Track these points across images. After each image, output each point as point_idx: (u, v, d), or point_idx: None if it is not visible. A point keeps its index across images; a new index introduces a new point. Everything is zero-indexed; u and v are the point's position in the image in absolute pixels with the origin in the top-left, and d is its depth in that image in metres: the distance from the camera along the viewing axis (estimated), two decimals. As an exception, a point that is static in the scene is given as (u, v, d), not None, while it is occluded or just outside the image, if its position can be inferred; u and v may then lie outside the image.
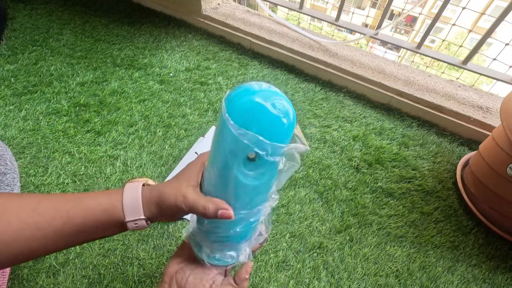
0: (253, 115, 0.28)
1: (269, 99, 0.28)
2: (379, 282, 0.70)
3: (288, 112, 0.29)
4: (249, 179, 0.31)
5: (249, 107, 0.28)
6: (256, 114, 0.28)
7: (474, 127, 1.00)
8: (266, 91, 0.29)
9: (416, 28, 4.44)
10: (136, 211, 0.32)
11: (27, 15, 1.32)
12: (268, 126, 0.28)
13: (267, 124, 0.28)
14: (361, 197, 0.85)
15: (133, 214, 0.32)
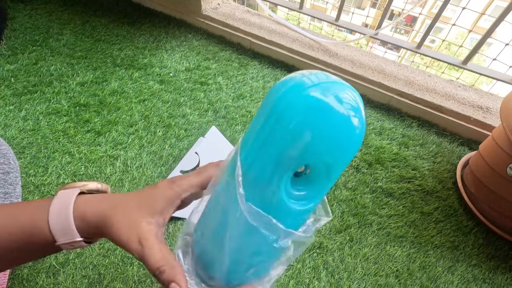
0: (306, 120, 0.19)
1: (330, 91, 0.19)
2: (379, 282, 0.70)
3: (359, 107, 0.20)
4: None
5: (300, 107, 0.19)
6: (312, 116, 0.19)
7: (474, 127, 1.00)
8: (324, 82, 0.20)
9: (416, 28, 4.44)
10: (67, 232, 0.24)
11: (27, 15, 1.32)
12: (331, 133, 0.20)
13: (330, 131, 0.20)
14: (361, 197, 0.85)
15: (64, 237, 0.24)
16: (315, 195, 0.23)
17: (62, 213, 0.24)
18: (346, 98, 0.20)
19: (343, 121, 0.20)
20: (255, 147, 0.21)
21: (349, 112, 0.19)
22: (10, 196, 0.50)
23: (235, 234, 0.23)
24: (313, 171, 0.21)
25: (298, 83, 0.20)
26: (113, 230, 0.24)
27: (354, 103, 0.20)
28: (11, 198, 0.50)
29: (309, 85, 0.20)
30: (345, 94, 0.20)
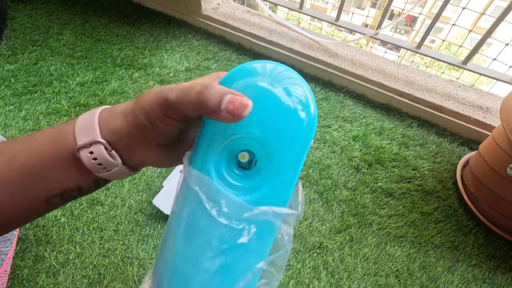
0: (254, 108, 0.19)
1: (280, 82, 0.20)
2: (379, 282, 0.70)
3: (308, 102, 0.20)
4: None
5: (248, 95, 0.19)
6: (259, 106, 0.19)
7: (474, 127, 1.00)
8: (274, 71, 0.20)
9: (416, 28, 4.44)
10: (89, 130, 0.21)
11: (27, 15, 1.32)
12: (278, 124, 0.20)
13: (276, 122, 0.20)
14: (361, 197, 0.85)
15: (85, 136, 0.21)
16: (258, 187, 0.21)
17: (89, 116, 0.22)
18: (296, 92, 0.20)
19: (290, 113, 0.20)
20: (202, 127, 0.21)
21: (297, 105, 0.20)
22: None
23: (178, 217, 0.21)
24: (259, 163, 0.21)
25: (248, 70, 0.20)
26: (142, 97, 0.21)
27: (303, 98, 0.20)
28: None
29: (259, 74, 0.20)
30: (296, 89, 0.20)
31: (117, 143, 0.22)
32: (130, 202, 0.78)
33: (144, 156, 0.23)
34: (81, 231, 0.72)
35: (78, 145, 0.21)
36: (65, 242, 0.70)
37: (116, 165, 0.22)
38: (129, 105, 0.22)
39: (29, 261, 0.67)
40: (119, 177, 0.24)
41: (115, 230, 0.73)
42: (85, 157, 0.21)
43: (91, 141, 0.21)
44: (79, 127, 0.22)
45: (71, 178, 0.23)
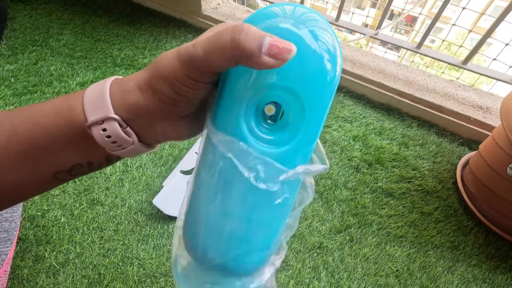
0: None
1: (305, 24, 0.18)
2: (379, 282, 0.70)
3: (335, 50, 0.18)
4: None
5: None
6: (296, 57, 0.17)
7: (474, 127, 1.00)
8: (297, 13, 0.18)
9: (416, 28, 4.44)
10: (101, 106, 0.19)
11: (27, 15, 1.32)
12: (305, 71, 0.18)
13: (303, 69, 0.18)
14: (361, 197, 0.85)
15: (96, 111, 0.19)
16: (287, 140, 0.20)
17: (100, 89, 0.20)
18: (323, 37, 0.18)
19: (315, 59, 0.18)
20: (222, 83, 0.20)
21: (323, 53, 0.18)
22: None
23: (210, 182, 0.21)
24: (286, 115, 0.20)
25: (268, 13, 0.18)
26: (160, 59, 0.19)
27: (331, 47, 0.18)
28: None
29: (280, 16, 0.18)
30: (323, 33, 0.18)
31: (133, 121, 0.20)
32: (130, 202, 0.78)
33: (163, 132, 0.21)
34: (81, 231, 0.72)
35: (89, 122, 0.19)
36: (65, 242, 0.70)
37: (131, 143, 0.20)
38: (142, 76, 0.19)
39: (29, 261, 0.67)
40: (133, 154, 0.22)
41: (115, 230, 0.73)
42: (98, 134, 0.19)
43: (103, 117, 0.19)
44: (89, 102, 0.20)
45: (81, 154, 0.21)
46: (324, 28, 0.18)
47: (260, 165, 0.20)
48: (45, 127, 0.20)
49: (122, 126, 0.20)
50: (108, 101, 0.19)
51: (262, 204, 0.21)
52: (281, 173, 0.20)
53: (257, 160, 0.20)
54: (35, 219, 0.73)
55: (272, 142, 0.20)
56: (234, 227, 0.21)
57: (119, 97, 0.19)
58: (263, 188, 0.20)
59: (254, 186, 0.20)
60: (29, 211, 0.74)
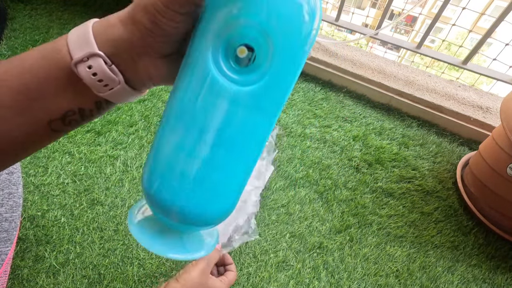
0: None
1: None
2: (379, 282, 0.70)
3: (315, 5, 0.19)
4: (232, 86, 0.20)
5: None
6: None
7: (474, 127, 1.00)
8: None
9: (416, 28, 4.44)
10: (85, 43, 0.19)
11: (27, 15, 1.32)
12: (277, 16, 0.18)
13: (276, 12, 0.18)
14: (361, 197, 0.85)
15: (80, 49, 0.19)
16: (252, 81, 0.20)
17: (84, 28, 0.20)
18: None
19: (294, 6, 0.18)
20: (200, 17, 0.20)
21: (303, 3, 0.18)
22: (13, 196, 0.50)
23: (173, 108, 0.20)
24: (257, 60, 0.19)
25: None
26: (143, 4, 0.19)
27: (312, 1, 0.18)
28: (14, 198, 0.50)
29: None
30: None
31: (117, 56, 0.20)
32: (130, 202, 0.78)
33: (145, 70, 0.21)
34: (81, 231, 0.72)
35: (74, 59, 0.19)
36: (65, 242, 0.70)
37: (117, 82, 0.20)
38: (126, 10, 0.20)
39: (29, 261, 0.67)
40: (122, 99, 0.22)
41: (115, 230, 0.73)
42: (84, 72, 0.19)
43: (88, 53, 0.19)
44: (73, 41, 0.20)
45: (71, 98, 0.21)
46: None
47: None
48: (34, 72, 0.20)
49: (107, 63, 0.20)
50: (91, 38, 0.19)
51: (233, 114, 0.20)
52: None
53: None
54: (35, 219, 0.73)
55: (236, 82, 0.20)
56: (199, 155, 0.20)
57: (102, 33, 0.20)
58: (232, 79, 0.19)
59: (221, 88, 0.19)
60: (29, 211, 0.74)
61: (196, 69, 0.20)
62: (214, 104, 0.20)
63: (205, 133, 0.20)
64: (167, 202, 0.21)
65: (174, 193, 0.21)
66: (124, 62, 0.20)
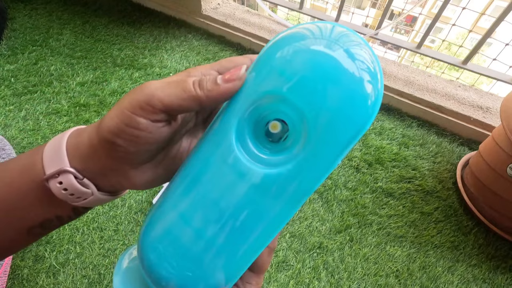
0: (307, 77, 0.16)
1: (339, 44, 0.16)
2: (379, 282, 0.70)
3: (376, 72, 0.16)
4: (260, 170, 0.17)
5: (301, 61, 0.16)
6: (311, 74, 0.16)
7: (474, 127, 1.00)
8: (332, 33, 0.16)
9: (416, 28, 4.44)
10: (57, 158, 0.19)
11: (27, 15, 1.32)
12: (337, 100, 0.16)
13: (336, 97, 0.16)
14: (361, 197, 0.85)
15: (52, 164, 0.19)
16: (280, 165, 0.17)
17: (57, 141, 0.20)
18: (360, 55, 0.15)
19: (352, 83, 0.15)
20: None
21: (362, 74, 0.15)
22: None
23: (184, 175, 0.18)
24: (290, 138, 0.17)
25: (298, 35, 0.17)
26: (106, 117, 0.18)
27: (371, 65, 0.15)
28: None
29: (311, 37, 0.16)
30: (360, 51, 0.16)
31: (88, 171, 0.20)
32: (130, 202, 0.78)
33: (119, 182, 0.20)
34: (81, 231, 0.72)
35: (46, 176, 0.19)
36: (65, 242, 0.70)
37: (90, 194, 0.20)
38: (94, 125, 0.20)
39: (29, 261, 0.67)
40: (98, 204, 0.22)
41: (115, 230, 0.73)
42: (55, 187, 0.19)
43: (58, 170, 0.19)
44: (47, 155, 0.20)
45: (49, 209, 0.21)
46: (361, 46, 0.16)
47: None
48: (14, 187, 0.20)
49: (77, 178, 0.20)
50: (64, 153, 0.19)
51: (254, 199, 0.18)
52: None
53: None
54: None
55: (263, 162, 0.18)
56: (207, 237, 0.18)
57: (74, 148, 0.20)
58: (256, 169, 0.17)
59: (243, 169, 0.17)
60: (29, 211, 0.74)
61: (218, 138, 0.18)
62: (231, 183, 0.18)
63: (216, 214, 0.18)
64: (162, 279, 0.19)
65: (171, 271, 0.19)
66: (95, 176, 0.20)
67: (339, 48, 0.16)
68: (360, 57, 0.16)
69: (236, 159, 0.17)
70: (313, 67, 0.16)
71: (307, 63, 0.16)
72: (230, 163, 0.18)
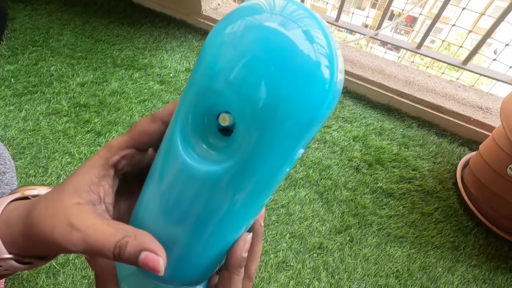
0: (259, 58, 0.14)
1: (294, 23, 0.14)
2: (379, 283, 0.70)
3: (332, 52, 0.14)
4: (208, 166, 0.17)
5: (252, 38, 0.14)
6: (261, 55, 0.14)
7: (474, 127, 1.00)
8: (286, 9, 0.15)
9: (416, 29, 4.44)
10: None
11: (27, 16, 1.32)
12: (291, 84, 0.14)
13: (289, 80, 0.14)
14: (361, 197, 0.85)
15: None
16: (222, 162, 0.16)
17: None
18: (317, 38, 0.14)
19: (307, 66, 0.14)
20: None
21: (320, 58, 0.14)
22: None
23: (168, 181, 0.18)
24: (237, 131, 0.16)
25: (251, 8, 0.15)
26: (34, 225, 0.17)
27: (326, 49, 0.14)
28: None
29: (265, 11, 0.15)
30: (317, 33, 0.14)
31: (25, 255, 0.20)
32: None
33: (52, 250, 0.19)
34: (81, 232, 0.72)
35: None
36: (65, 243, 0.70)
37: (21, 268, 0.20)
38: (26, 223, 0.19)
39: (29, 261, 0.67)
40: (32, 268, 0.22)
41: (115, 231, 0.73)
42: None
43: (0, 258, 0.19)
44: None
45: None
46: (316, 27, 0.15)
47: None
48: None
49: (20, 262, 0.20)
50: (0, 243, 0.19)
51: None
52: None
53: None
54: None
55: (211, 159, 0.17)
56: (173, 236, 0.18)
57: (10, 236, 0.19)
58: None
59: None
60: (29, 212, 0.74)
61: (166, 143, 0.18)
62: (181, 183, 0.17)
63: (174, 213, 0.18)
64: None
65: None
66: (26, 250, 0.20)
67: (296, 27, 0.14)
68: (316, 38, 0.14)
69: (183, 161, 0.17)
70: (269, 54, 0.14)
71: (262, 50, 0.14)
72: (178, 165, 0.17)
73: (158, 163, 0.18)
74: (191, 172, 0.17)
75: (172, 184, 0.18)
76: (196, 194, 0.17)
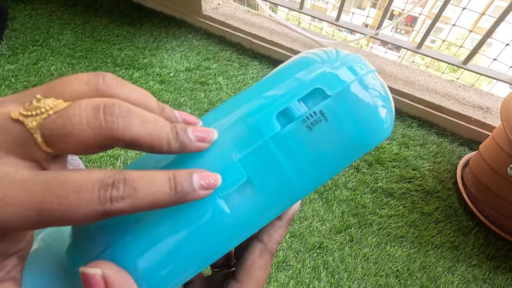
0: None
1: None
2: (379, 282, 0.70)
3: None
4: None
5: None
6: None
7: (474, 127, 1.00)
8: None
9: (416, 28, 4.44)
10: None
11: (27, 15, 1.32)
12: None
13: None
14: (361, 197, 0.85)
15: None
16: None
17: None
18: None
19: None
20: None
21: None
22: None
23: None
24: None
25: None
26: None
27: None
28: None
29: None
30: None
31: None
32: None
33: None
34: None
35: None
36: (65, 242, 0.70)
37: None
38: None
39: (30, 261, 0.67)
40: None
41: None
42: None
43: None
44: None
45: None
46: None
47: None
48: None
49: None
50: None
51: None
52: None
53: None
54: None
55: None
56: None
57: None
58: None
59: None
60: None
61: None
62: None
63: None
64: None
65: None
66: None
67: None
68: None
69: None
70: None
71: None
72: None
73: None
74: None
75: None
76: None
